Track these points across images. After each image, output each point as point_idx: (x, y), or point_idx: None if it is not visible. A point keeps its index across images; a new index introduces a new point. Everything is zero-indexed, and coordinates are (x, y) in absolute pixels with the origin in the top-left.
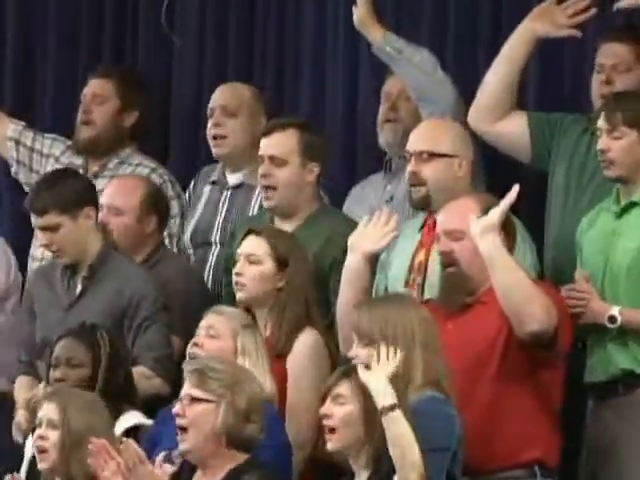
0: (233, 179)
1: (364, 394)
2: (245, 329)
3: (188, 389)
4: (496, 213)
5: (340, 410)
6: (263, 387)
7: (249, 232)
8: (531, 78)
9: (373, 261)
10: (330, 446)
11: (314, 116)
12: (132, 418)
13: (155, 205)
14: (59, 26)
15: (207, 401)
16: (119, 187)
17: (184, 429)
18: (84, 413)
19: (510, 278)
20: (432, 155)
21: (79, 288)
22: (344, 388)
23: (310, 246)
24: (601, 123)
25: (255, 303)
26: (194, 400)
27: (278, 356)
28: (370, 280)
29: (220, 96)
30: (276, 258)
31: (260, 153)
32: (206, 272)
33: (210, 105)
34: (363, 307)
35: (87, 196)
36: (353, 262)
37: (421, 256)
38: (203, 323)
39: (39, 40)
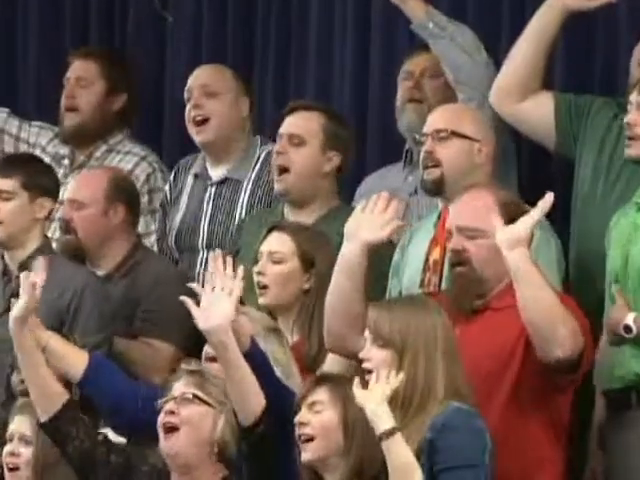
0: (216, 174)
1: (344, 400)
2: (270, 334)
3: (185, 388)
4: (527, 225)
5: (317, 418)
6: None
7: (272, 229)
8: (558, 56)
9: (372, 251)
10: (305, 456)
11: (321, 101)
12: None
13: (120, 193)
14: (41, 4)
15: (207, 404)
16: (80, 180)
17: (174, 429)
18: None
19: (537, 297)
20: (452, 134)
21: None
22: (320, 395)
23: None
24: (633, 97)
25: (279, 307)
26: (193, 400)
27: (309, 369)
28: (366, 272)
29: (199, 76)
30: (302, 256)
31: (280, 131)
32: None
33: (187, 87)
34: (382, 306)
35: (53, 188)
36: (350, 251)
37: (436, 254)
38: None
39: (20, 20)
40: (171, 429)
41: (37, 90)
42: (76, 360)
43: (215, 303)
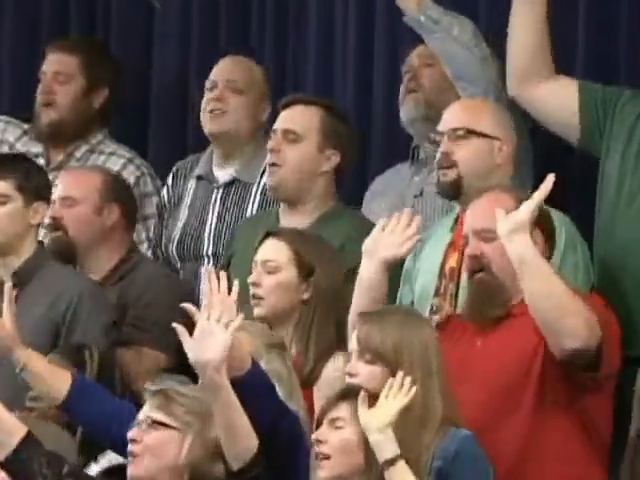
0: (223, 175)
1: None
2: (272, 350)
3: (148, 411)
4: (527, 209)
5: (337, 435)
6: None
7: (267, 235)
8: (581, 45)
9: (392, 270)
10: (322, 474)
11: (321, 93)
12: (115, 457)
13: (116, 193)
14: None
15: (170, 427)
16: (72, 177)
17: (136, 456)
18: (47, 447)
19: (543, 286)
20: (470, 132)
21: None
22: (342, 411)
23: None
24: None
25: (276, 318)
26: (154, 424)
27: (305, 385)
28: (387, 290)
29: (227, 69)
30: (299, 264)
31: (274, 127)
32: (197, 290)
33: (212, 77)
34: (373, 318)
35: (47, 192)
36: (369, 270)
37: (453, 261)
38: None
39: None
40: (134, 456)
41: (11, 87)
42: (58, 381)
43: (209, 334)
